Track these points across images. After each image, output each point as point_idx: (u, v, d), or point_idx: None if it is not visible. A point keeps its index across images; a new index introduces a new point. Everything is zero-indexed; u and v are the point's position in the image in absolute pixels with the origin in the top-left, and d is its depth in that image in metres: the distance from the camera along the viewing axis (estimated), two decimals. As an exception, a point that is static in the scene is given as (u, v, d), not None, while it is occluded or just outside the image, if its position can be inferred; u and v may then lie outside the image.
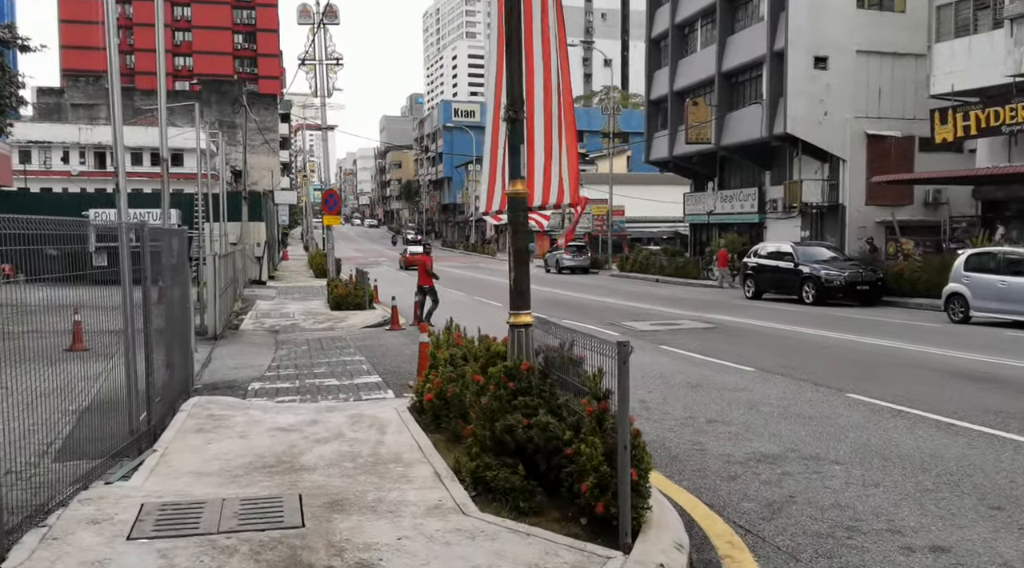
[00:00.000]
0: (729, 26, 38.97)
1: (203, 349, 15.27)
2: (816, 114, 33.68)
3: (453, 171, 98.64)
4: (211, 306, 17.25)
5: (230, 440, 6.78)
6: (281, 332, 18.44)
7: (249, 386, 11.26)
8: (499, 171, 6.54)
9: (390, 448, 6.53)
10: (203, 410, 8.07)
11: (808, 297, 23.89)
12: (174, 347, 8.83)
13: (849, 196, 33.65)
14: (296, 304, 25.12)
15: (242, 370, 12.93)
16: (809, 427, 8.06)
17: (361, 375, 12.05)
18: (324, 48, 24.69)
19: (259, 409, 8.36)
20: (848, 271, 23.83)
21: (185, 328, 9.81)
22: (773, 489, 6.08)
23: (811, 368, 11.84)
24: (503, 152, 6.41)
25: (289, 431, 7.16)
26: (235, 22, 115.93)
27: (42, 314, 5.11)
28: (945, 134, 28.11)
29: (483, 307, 22.32)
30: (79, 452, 5.65)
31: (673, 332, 16.67)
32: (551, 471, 5.19)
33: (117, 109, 7.21)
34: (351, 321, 20.12)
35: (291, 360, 14.01)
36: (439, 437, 7.00)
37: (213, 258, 17.27)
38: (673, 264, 39.15)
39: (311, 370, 12.73)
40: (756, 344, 14.74)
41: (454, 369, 7.28)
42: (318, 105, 26.97)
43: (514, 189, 5.99)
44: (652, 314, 20.72)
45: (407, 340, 16.48)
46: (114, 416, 6.36)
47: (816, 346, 14.43)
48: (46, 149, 60.46)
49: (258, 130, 64.17)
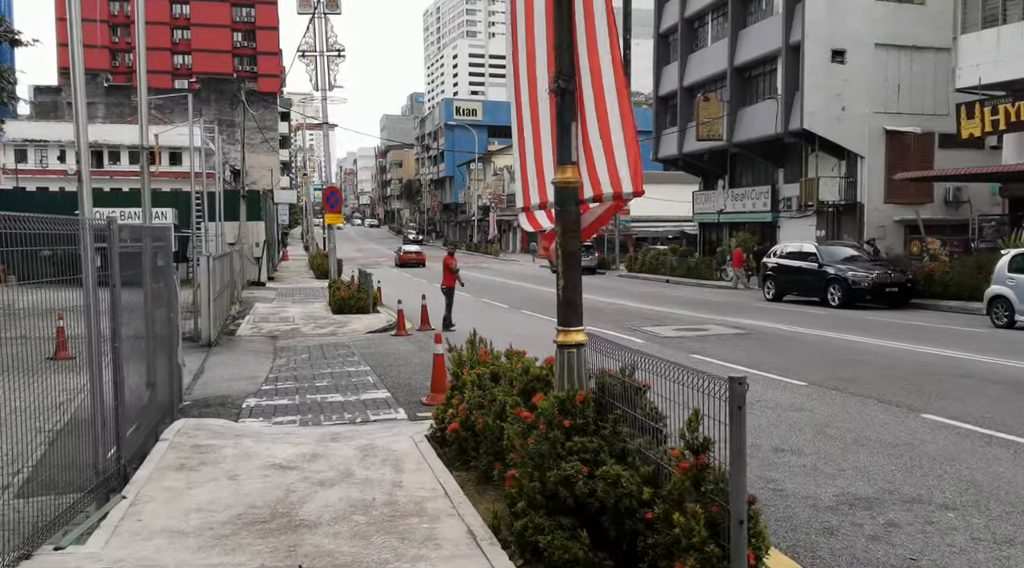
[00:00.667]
0: (741, 19, 37.83)
1: (195, 358, 14.14)
2: (834, 109, 32.52)
3: (455, 170, 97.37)
4: (205, 310, 16.10)
5: (216, 482, 5.62)
6: (280, 338, 17.29)
7: (244, 403, 10.11)
8: (532, 160, 5.38)
9: (410, 493, 5.36)
10: (188, 439, 6.91)
11: (834, 299, 22.71)
12: (156, 362, 7.68)
13: (867, 194, 32.47)
14: (296, 307, 23.95)
15: (237, 382, 11.79)
16: (895, 458, 6.90)
17: (368, 389, 10.90)
18: (325, 39, 23.51)
19: (253, 436, 7.19)
20: (876, 272, 22.64)
21: (170, 339, 8.66)
22: (885, 548, 4.92)
23: (866, 380, 10.69)
24: (536, 138, 5.24)
25: (287, 469, 6.00)
26: (234, 20, 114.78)
27: (32, 318, 4.62)
28: (972, 129, 26.95)
29: (489, 309, 21.17)
30: (51, 483, 4.66)
31: (702, 339, 15.50)
32: (623, 538, 4.03)
33: (81, 105, 6.08)
34: (354, 326, 18.97)
35: (291, 370, 12.86)
36: (466, 476, 5.85)
37: (206, 259, 16.10)
38: (684, 265, 37.97)
39: (312, 383, 11.58)
40: (796, 352, 13.58)
41: (482, 392, 6.12)
42: (318, 104, 25.85)
43: (564, 177, 4.84)
44: (672, 318, 19.55)
45: (415, 347, 15.34)
46: (80, 450, 5.24)
47: (861, 354, 13.26)
48: (42, 148, 59.41)
49: (258, 129, 63.11)
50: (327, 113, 24.46)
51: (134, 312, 6.61)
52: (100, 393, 5.28)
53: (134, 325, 6.60)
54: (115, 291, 5.50)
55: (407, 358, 13.96)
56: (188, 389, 11.29)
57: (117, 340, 5.55)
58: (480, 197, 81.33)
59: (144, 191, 9.28)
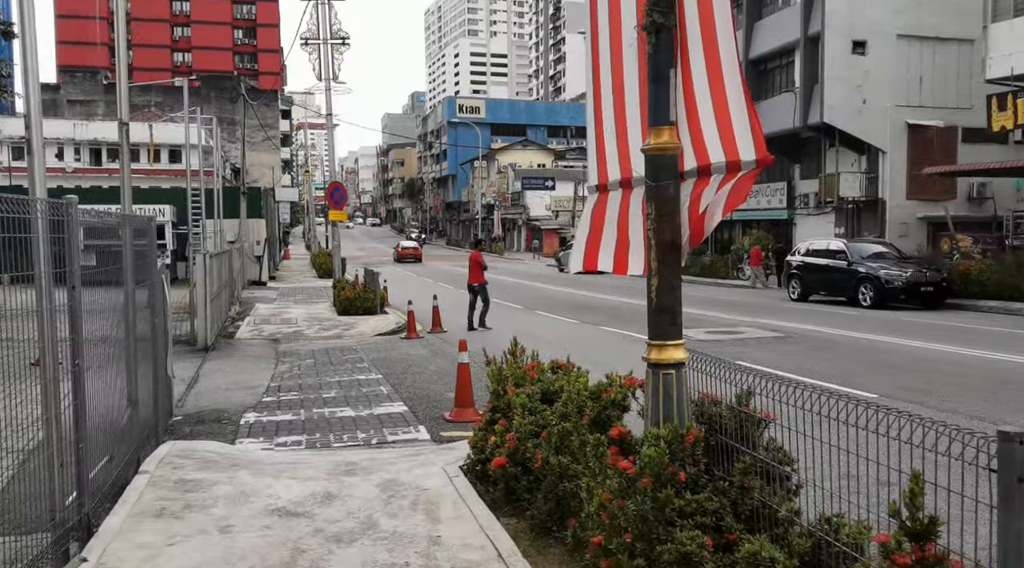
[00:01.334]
0: (757, 10, 36.67)
1: (190, 364, 12.98)
2: (854, 102, 31.34)
3: (457, 168, 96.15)
4: (201, 312, 14.94)
5: (204, 537, 4.43)
6: (282, 341, 16.12)
7: (242, 418, 8.94)
8: (611, 125, 4.20)
9: (453, 554, 4.16)
10: (173, 471, 5.72)
11: (865, 299, 21.52)
12: (139, 375, 6.51)
13: (889, 190, 31.27)
14: (299, 308, 22.77)
15: (235, 393, 10.62)
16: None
17: (382, 402, 9.72)
18: (329, 25, 22.31)
19: (251, 467, 6.00)
20: (910, 271, 21.45)
21: (157, 348, 7.48)
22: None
23: (942, 391, 9.51)
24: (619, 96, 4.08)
25: (293, 516, 4.81)
26: (235, 17, 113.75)
27: (23, 318, 4.03)
28: (1004, 121, 25.77)
29: (503, 310, 19.92)
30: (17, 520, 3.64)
31: (740, 343, 14.32)
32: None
33: (35, 97, 4.94)
34: (361, 328, 17.81)
35: (294, 378, 11.69)
36: (518, 524, 4.67)
37: (203, 257, 14.93)
38: (698, 263, 36.78)
39: (319, 393, 10.41)
40: (847, 358, 12.40)
41: (534, 417, 4.94)
42: (318, 102, 24.75)
43: (659, 142, 3.66)
44: (701, 319, 18.36)
45: (428, 352, 14.17)
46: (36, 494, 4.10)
47: (920, 360, 12.09)
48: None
49: (259, 126, 62.08)
50: (331, 104, 23.25)
51: (107, 318, 5.44)
52: (55, 424, 4.10)
53: (108, 334, 5.43)
54: (75, 293, 4.32)
55: (421, 364, 12.79)
56: (180, 400, 10.13)
57: (79, 355, 4.37)
58: (484, 195, 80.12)
59: (124, 179, 8.07)
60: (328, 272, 34.22)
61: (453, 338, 15.95)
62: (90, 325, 4.98)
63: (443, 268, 48.79)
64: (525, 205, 70.96)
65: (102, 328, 5.29)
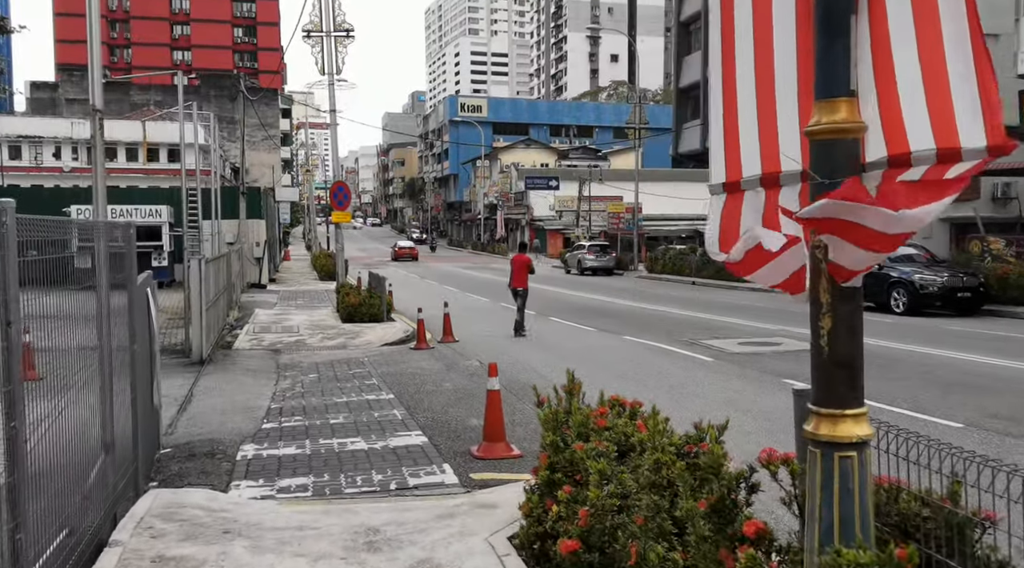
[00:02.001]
0: (773, 4, 35.59)
1: (184, 380, 11.87)
2: (876, 98, 30.23)
3: (459, 168, 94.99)
4: (197, 322, 13.81)
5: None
6: (284, 352, 15.01)
7: (239, 452, 7.81)
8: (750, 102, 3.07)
9: None
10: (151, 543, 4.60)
11: (898, 306, 20.40)
12: (115, 411, 5.40)
13: (912, 190, 30.13)
14: (301, 314, 21.62)
15: (231, 417, 9.50)
16: None
17: (397, 430, 8.59)
18: (332, 17, 21.19)
19: (247, 537, 4.87)
20: (945, 275, 20.32)
21: (139, 375, 6.36)
22: None
23: (1030, 420, 8.41)
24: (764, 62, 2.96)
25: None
26: (235, 15, 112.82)
27: None
28: (1037, 118, 24.70)
29: (511, 314, 18.72)
30: None
31: (779, 356, 13.19)
32: None
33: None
34: (367, 337, 16.69)
35: (297, 398, 10.57)
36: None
37: (198, 263, 13.79)
38: (712, 265, 35.67)
39: (325, 418, 9.29)
40: (906, 376, 11.26)
41: (613, 487, 3.81)
42: (319, 100, 23.64)
43: (832, 119, 2.54)
44: (729, 328, 17.24)
45: (441, 366, 13.05)
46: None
47: (987, 377, 10.97)
48: (37, 144, 57.46)
49: (259, 125, 61.05)
50: (335, 100, 22.12)
51: (70, 355, 4.34)
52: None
53: (70, 375, 4.32)
54: (10, 331, 3.19)
55: (436, 381, 11.65)
56: (171, 426, 9.03)
57: (15, 416, 3.24)
58: (487, 195, 78.92)
59: (97, 178, 6.88)
60: (330, 274, 33.11)
61: (466, 349, 14.84)
62: (42, 366, 3.88)
63: (444, 268, 47.74)
64: (528, 205, 69.78)
65: (62, 367, 4.18)
